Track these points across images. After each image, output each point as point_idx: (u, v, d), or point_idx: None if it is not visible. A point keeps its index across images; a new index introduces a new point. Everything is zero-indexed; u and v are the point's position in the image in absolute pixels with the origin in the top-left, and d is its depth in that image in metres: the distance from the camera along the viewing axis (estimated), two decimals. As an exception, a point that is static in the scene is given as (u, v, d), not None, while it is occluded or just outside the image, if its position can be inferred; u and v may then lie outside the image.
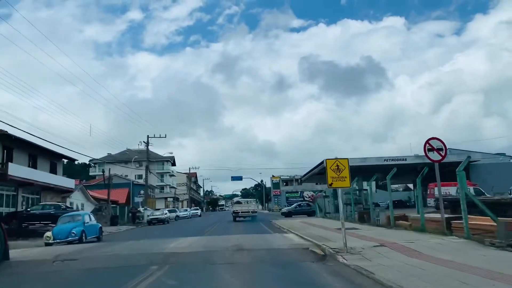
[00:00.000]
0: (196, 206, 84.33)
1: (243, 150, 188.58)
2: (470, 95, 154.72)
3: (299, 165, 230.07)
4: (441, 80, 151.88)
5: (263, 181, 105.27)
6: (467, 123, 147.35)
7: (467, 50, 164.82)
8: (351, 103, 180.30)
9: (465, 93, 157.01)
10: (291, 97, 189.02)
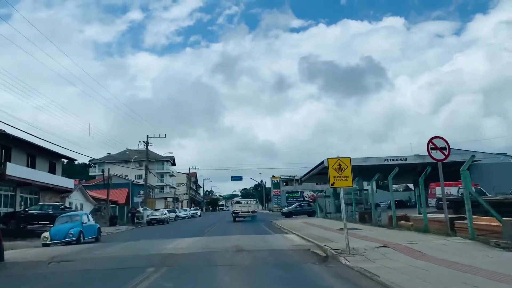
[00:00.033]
0: (196, 206, 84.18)
1: (243, 150, 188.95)
2: (470, 95, 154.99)
3: (299, 165, 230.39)
4: (441, 80, 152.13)
5: (263, 181, 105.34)
6: (467, 123, 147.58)
7: (467, 50, 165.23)
8: (351, 103, 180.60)
9: (465, 93, 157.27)
10: (291, 97, 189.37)
